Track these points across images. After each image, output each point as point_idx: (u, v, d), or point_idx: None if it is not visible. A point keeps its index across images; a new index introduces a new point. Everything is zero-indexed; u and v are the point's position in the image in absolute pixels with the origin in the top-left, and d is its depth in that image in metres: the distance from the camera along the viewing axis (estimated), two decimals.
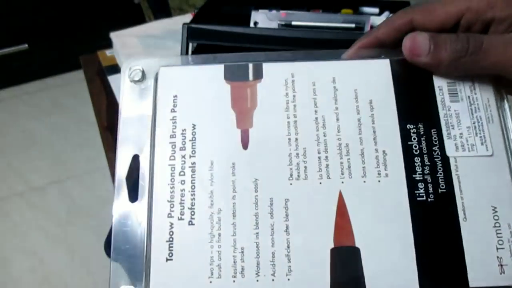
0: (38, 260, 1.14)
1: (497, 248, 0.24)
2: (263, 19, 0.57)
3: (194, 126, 0.26)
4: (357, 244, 0.24)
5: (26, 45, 1.55)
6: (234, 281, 0.24)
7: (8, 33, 1.53)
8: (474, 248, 0.24)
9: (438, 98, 0.26)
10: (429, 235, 0.24)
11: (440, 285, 0.23)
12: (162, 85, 0.27)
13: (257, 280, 0.24)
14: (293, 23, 0.56)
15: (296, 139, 0.25)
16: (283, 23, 0.56)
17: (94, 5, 1.56)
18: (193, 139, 0.26)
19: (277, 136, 0.25)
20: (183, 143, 0.26)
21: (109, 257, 0.40)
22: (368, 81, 0.26)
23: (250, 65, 0.27)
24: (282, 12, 0.58)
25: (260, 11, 0.58)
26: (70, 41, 1.58)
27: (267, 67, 0.27)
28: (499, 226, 0.24)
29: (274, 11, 0.58)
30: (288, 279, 0.24)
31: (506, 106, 0.27)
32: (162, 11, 1.50)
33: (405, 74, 0.26)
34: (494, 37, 0.25)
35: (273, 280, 0.24)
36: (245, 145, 0.25)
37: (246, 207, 0.24)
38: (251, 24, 0.56)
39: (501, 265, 0.24)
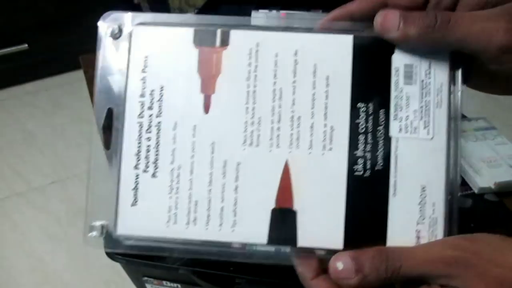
0: (38, 260, 1.13)
1: (417, 223, 0.27)
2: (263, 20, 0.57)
3: (162, 88, 0.28)
4: (295, 207, 0.27)
5: (26, 45, 1.55)
6: (187, 227, 0.27)
7: (8, 33, 1.53)
8: (397, 220, 0.27)
9: (393, 80, 0.27)
10: (359, 205, 0.27)
11: (361, 247, 0.26)
12: (136, 44, 0.28)
13: (207, 228, 0.27)
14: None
15: (253, 108, 0.27)
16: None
17: (94, 5, 1.56)
18: (161, 99, 0.28)
19: (236, 104, 0.27)
20: (151, 102, 0.28)
21: (110, 258, 0.40)
22: (328, 56, 0.27)
23: (219, 31, 0.28)
24: (282, 12, 0.58)
25: (260, 11, 0.58)
26: (70, 41, 1.58)
27: (234, 34, 0.28)
28: (424, 204, 0.27)
29: (274, 11, 0.58)
30: (233, 230, 0.27)
31: (459, 92, 0.27)
32: (162, 11, 1.50)
33: (365, 52, 0.27)
34: (461, 13, 0.25)
35: (220, 230, 0.27)
36: (206, 109, 0.28)
37: (202, 166, 0.27)
38: None
39: (418, 237, 0.27)
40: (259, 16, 0.58)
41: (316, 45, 0.28)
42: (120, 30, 0.29)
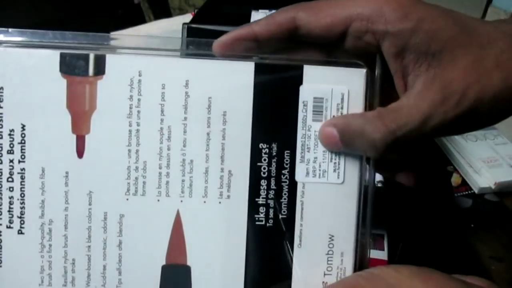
0: None
1: (325, 274, 0.25)
2: None
3: (23, 127, 0.23)
4: (189, 263, 0.25)
5: None
6: None
7: None
8: (302, 273, 0.25)
9: (300, 116, 0.24)
10: (261, 259, 0.25)
11: None
12: None
13: None
14: None
15: (137, 151, 0.24)
16: None
17: (94, 5, 1.57)
18: (23, 141, 0.24)
19: (116, 146, 0.24)
20: (11, 145, 0.24)
21: None
22: (225, 88, 0.24)
23: (91, 56, 0.23)
24: None
25: (260, 11, 0.58)
26: None
27: (111, 60, 0.23)
28: (332, 254, 0.25)
29: (274, 11, 0.58)
30: None
31: None
32: (162, 11, 1.51)
33: (269, 82, 0.24)
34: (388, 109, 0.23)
35: None
36: (80, 153, 0.24)
37: (78, 220, 0.24)
38: None
39: None
40: (258, 16, 0.59)
41: (211, 74, 0.24)
42: None
